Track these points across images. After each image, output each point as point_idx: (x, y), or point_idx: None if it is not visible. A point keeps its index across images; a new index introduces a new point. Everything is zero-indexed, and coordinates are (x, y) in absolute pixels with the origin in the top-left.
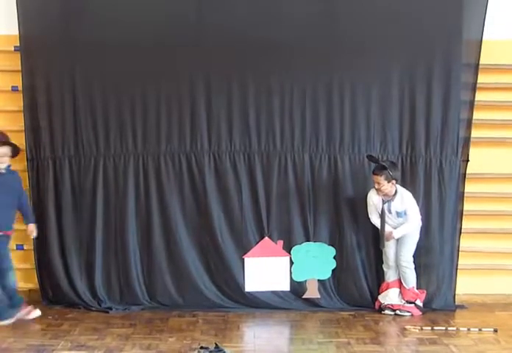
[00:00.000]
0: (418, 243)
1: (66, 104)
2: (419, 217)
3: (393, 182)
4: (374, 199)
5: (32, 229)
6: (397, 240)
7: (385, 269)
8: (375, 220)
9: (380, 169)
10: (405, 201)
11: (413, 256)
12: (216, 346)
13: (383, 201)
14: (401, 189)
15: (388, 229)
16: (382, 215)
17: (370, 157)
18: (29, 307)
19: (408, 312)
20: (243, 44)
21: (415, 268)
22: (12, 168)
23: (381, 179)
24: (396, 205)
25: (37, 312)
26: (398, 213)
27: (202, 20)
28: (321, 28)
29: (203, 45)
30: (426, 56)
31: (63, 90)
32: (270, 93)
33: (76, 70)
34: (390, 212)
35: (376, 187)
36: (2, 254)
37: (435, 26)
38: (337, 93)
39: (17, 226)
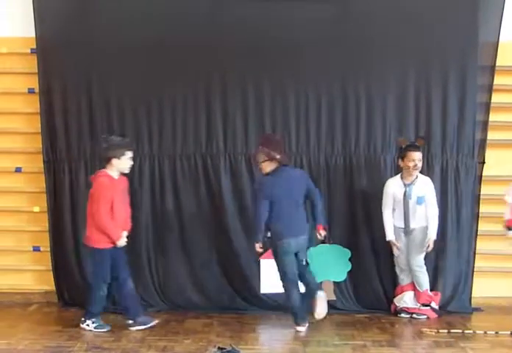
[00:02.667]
0: (434, 245)
1: (82, 106)
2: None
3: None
4: (393, 187)
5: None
6: (408, 243)
7: (398, 272)
8: (387, 216)
9: (418, 147)
10: (425, 184)
11: (425, 258)
12: (232, 348)
13: (405, 185)
14: (420, 174)
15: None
16: (405, 200)
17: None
18: None
19: (424, 314)
20: (259, 46)
21: (431, 270)
22: (26, 170)
23: (420, 155)
24: (417, 189)
25: None
26: (418, 198)
27: (218, 23)
28: (337, 30)
29: (219, 47)
30: (442, 58)
31: (79, 92)
32: (285, 94)
33: (92, 72)
34: (410, 197)
35: (412, 165)
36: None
37: (451, 28)
38: (352, 95)
39: (33, 227)
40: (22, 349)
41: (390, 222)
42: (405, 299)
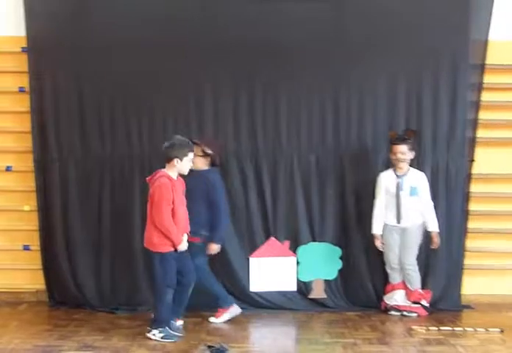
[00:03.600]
0: (425, 243)
1: (73, 106)
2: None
3: (413, 153)
4: (386, 179)
5: None
6: (400, 242)
7: (388, 271)
8: (377, 209)
9: (403, 140)
10: (418, 176)
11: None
12: (221, 346)
13: (397, 176)
14: (413, 168)
15: (434, 234)
16: (397, 192)
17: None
18: None
19: (414, 312)
20: (251, 46)
21: (421, 268)
22: (17, 169)
23: (405, 148)
24: (409, 180)
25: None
26: (411, 189)
27: (210, 23)
28: (329, 30)
29: (210, 47)
30: (433, 57)
31: (70, 92)
32: (277, 94)
33: (82, 71)
34: (402, 188)
35: (400, 157)
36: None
37: (441, 27)
38: (344, 94)
39: (23, 226)
40: (12, 349)
41: (379, 215)
42: (396, 297)
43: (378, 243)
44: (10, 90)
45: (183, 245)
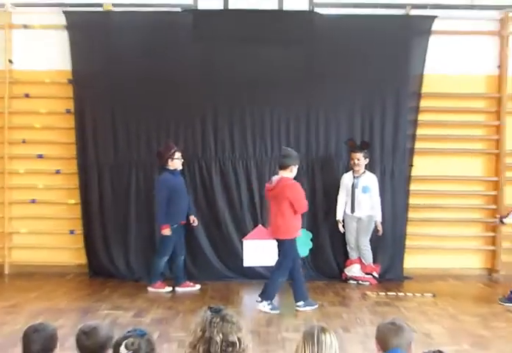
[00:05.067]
0: (376, 229)
1: (107, 124)
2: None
3: (367, 159)
4: (346, 179)
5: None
6: (357, 228)
7: (348, 250)
8: (340, 201)
9: (360, 149)
10: (370, 177)
11: (370, 240)
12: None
13: (354, 177)
14: (368, 172)
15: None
16: (353, 189)
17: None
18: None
19: (368, 281)
20: (243, 80)
21: (373, 248)
22: (64, 171)
23: (360, 155)
24: (363, 180)
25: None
26: (363, 187)
27: (211, 63)
28: (302, 67)
29: (212, 81)
30: (381, 86)
31: (105, 113)
32: (262, 115)
33: (115, 97)
34: (357, 187)
35: (356, 162)
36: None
37: (388, 63)
38: (313, 116)
39: (69, 215)
40: (61, 308)
41: (342, 206)
42: (353, 270)
43: (340, 227)
44: (59, 112)
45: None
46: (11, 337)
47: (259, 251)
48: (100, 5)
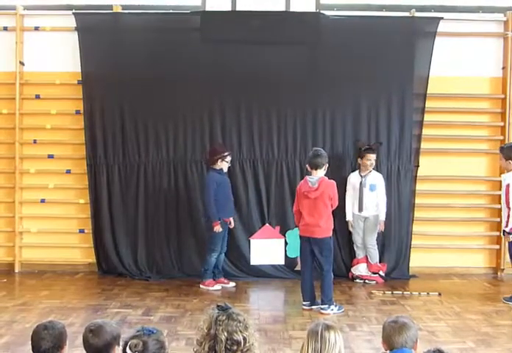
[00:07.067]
0: (385, 226)
1: (116, 124)
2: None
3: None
4: (353, 178)
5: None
6: (363, 227)
7: (355, 249)
8: (348, 201)
9: (374, 150)
10: (377, 176)
11: (376, 239)
12: (225, 304)
13: (361, 176)
14: (374, 170)
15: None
16: (360, 188)
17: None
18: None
19: (374, 280)
20: (250, 80)
21: (379, 247)
22: (74, 171)
23: (375, 156)
24: (370, 179)
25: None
26: (371, 186)
27: (220, 64)
28: (309, 67)
29: (220, 81)
30: (387, 88)
31: (114, 114)
32: (269, 116)
33: (123, 98)
34: (365, 185)
35: (369, 163)
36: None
37: (393, 66)
38: (320, 116)
39: (79, 214)
40: (72, 306)
41: (350, 206)
42: (360, 269)
43: (350, 227)
44: (69, 113)
45: None
46: (22, 335)
47: (266, 250)
48: (110, 7)
